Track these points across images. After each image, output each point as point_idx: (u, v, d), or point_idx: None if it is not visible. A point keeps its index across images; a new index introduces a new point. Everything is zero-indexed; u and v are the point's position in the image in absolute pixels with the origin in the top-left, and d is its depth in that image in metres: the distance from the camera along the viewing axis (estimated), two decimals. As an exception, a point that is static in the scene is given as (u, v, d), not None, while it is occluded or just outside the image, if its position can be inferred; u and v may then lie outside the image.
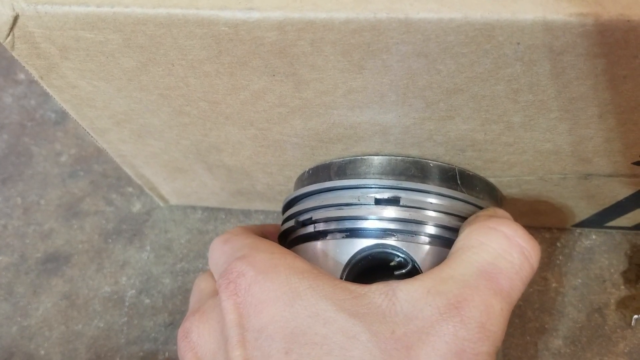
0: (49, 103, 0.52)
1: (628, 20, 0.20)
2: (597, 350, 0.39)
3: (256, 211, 0.46)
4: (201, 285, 0.32)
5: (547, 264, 0.42)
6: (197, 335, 0.27)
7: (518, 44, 0.22)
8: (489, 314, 0.23)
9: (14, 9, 0.24)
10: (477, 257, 0.25)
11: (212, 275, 0.32)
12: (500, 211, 0.30)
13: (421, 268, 0.29)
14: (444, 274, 0.25)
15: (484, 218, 0.28)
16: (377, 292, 0.25)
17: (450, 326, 0.23)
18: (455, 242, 0.27)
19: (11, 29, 0.25)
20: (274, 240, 0.35)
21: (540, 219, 0.41)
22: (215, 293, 0.29)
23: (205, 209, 0.47)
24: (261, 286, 0.25)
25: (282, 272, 0.25)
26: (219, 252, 0.30)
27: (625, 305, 0.40)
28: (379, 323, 0.23)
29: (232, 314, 0.25)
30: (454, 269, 0.25)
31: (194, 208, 0.47)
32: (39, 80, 0.29)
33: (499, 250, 0.25)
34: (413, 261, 0.29)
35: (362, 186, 0.30)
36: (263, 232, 0.34)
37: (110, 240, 0.46)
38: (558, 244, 0.42)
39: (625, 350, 0.38)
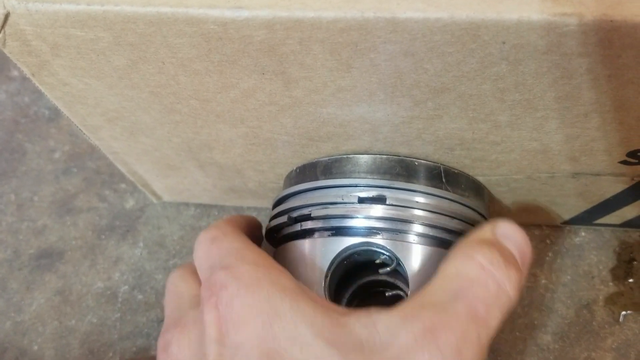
0: (43, 100, 0.53)
1: (611, 21, 0.21)
2: (585, 346, 0.39)
3: (249, 208, 0.46)
4: (180, 288, 0.31)
5: (537, 261, 0.42)
6: (177, 348, 0.27)
7: (503, 43, 0.22)
8: (465, 340, 0.23)
9: (4, 7, 0.24)
10: (453, 285, 0.25)
11: (191, 274, 0.31)
12: (500, 226, 0.28)
13: (405, 266, 0.29)
14: (422, 301, 0.25)
15: (465, 244, 0.27)
16: (358, 322, 0.24)
17: (425, 353, 0.22)
18: (439, 266, 0.27)
19: (2, 26, 0.25)
20: (260, 234, 0.35)
21: (530, 217, 0.41)
22: (194, 299, 0.29)
23: (198, 205, 0.47)
24: (242, 301, 0.25)
25: (265, 288, 0.25)
26: (204, 252, 0.29)
27: (613, 301, 0.40)
28: (355, 353, 0.23)
29: (212, 329, 0.25)
30: (432, 295, 0.25)
31: (187, 205, 0.47)
32: (31, 78, 0.29)
33: (475, 279, 0.25)
34: (397, 259, 0.30)
35: (347, 185, 0.31)
36: (250, 225, 0.34)
37: (103, 237, 0.46)
38: (547, 241, 0.43)
39: (613, 346, 0.39)
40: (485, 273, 0.25)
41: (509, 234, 0.28)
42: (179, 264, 0.44)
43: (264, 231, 0.36)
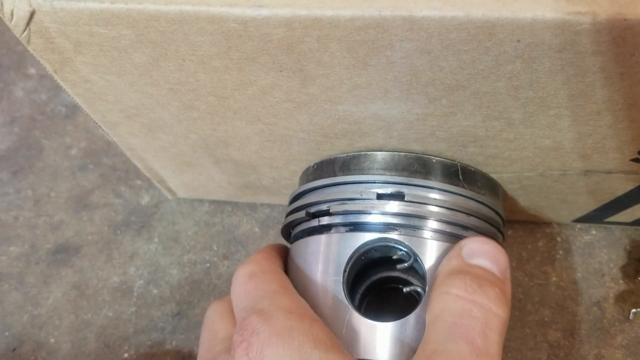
0: (60, 97, 0.53)
1: (625, 19, 0.21)
2: (595, 343, 0.39)
3: (262, 204, 0.47)
4: (215, 325, 0.32)
5: (548, 259, 0.42)
6: None
7: (518, 41, 0.22)
8: None
9: (30, 5, 0.25)
10: (445, 324, 0.25)
11: (228, 312, 0.31)
12: (464, 247, 0.29)
13: (423, 261, 0.30)
14: (427, 352, 0.25)
15: (438, 281, 0.28)
16: None
17: None
18: (426, 312, 0.27)
19: (27, 24, 0.26)
20: None
21: (541, 215, 0.41)
22: (227, 341, 0.29)
23: (212, 202, 0.48)
24: (273, 350, 0.25)
25: (296, 338, 0.25)
26: (242, 289, 0.29)
27: (623, 299, 0.40)
28: None
29: None
30: (432, 343, 0.25)
31: (201, 201, 0.48)
32: (53, 74, 0.30)
33: (459, 311, 0.25)
34: (415, 255, 0.30)
35: (365, 181, 0.31)
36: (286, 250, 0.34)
37: (119, 232, 0.47)
38: (558, 239, 0.43)
39: (623, 343, 0.39)
40: (466, 302, 0.26)
41: (475, 250, 0.28)
42: (193, 259, 0.45)
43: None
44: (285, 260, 0.34)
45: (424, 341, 0.26)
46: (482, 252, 0.28)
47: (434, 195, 0.30)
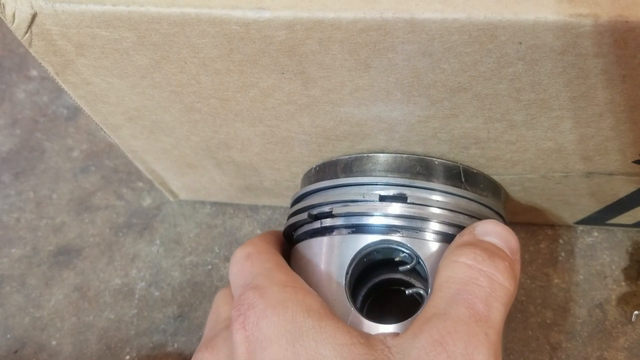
0: (61, 99, 0.53)
1: (627, 21, 0.21)
2: (597, 345, 0.39)
3: (264, 206, 0.47)
4: (220, 308, 0.33)
5: (550, 260, 0.42)
6: None
7: (520, 43, 0.22)
8: (474, 343, 0.23)
9: (32, 7, 0.25)
10: (449, 291, 0.26)
11: (231, 296, 0.32)
12: (478, 226, 0.29)
13: (425, 264, 0.30)
14: (426, 315, 0.25)
15: (448, 252, 0.28)
16: (376, 344, 0.25)
17: None
18: (434, 277, 0.28)
19: (29, 26, 0.26)
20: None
21: (543, 216, 0.41)
22: (229, 320, 0.30)
23: (214, 204, 0.48)
24: (268, 321, 0.26)
25: (290, 308, 0.26)
26: (239, 268, 0.30)
27: (626, 301, 0.40)
28: None
29: (240, 348, 0.26)
30: (433, 307, 0.26)
31: (202, 203, 0.48)
32: (55, 77, 0.30)
33: (466, 279, 0.26)
34: (417, 257, 0.30)
35: (368, 183, 0.31)
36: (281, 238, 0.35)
37: (120, 234, 0.47)
38: (560, 241, 0.43)
39: (625, 345, 0.39)
40: (474, 270, 0.26)
41: (489, 229, 0.29)
42: (195, 261, 0.45)
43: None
44: (282, 244, 0.35)
45: (426, 305, 0.26)
46: (495, 232, 0.28)
47: (437, 197, 0.30)
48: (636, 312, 0.40)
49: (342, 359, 0.24)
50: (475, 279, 0.26)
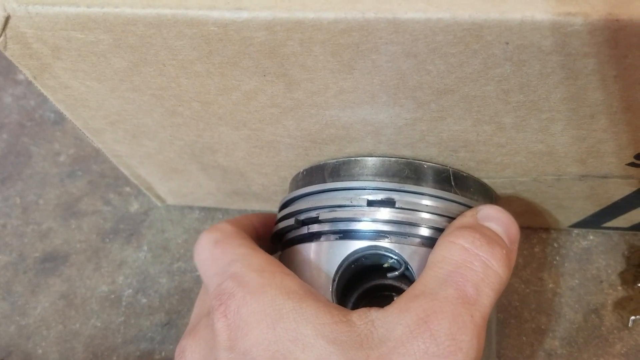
0: (48, 103, 0.52)
1: (617, 20, 0.20)
2: (593, 351, 0.38)
3: (252, 211, 0.46)
4: (204, 297, 0.32)
5: (544, 265, 0.42)
6: (191, 354, 0.28)
7: (507, 43, 0.22)
8: (458, 324, 0.24)
9: (5, 10, 0.24)
10: (442, 271, 0.26)
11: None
12: (481, 210, 0.29)
13: (413, 270, 0.29)
14: (414, 292, 0.25)
15: (447, 232, 0.28)
16: (358, 321, 0.25)
17: (420, 343, 0.23)
18: (430, 254, 0.28)
19: (3, 29, 0.25)
20: (262, 231, 0.35)
21: (537, 220, 0.41)
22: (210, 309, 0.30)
23: (202, 209, 0.47)
24: (248, 308, 0.26)
25: (269, 292, 0.26)
26: (209, 256, 0.30)
27: (622, 306, 0.40)
28: (355, 350, 0.24)
29: (222, 336, 0.26)
30: (423, 285, 0.26)
31: (191, 208, 0.47)
32: (33, 81, 0.29)
33: (460, 262, 0.26)
34: (406, 263, 0.29)
35: (356, 188, 0.30)
36: (252, 224, 0.34)
37: (107, 240, 0.46)
38: (555, 245, 0.42)
39: (622, 352, 0.38)
40: (469, 254, 0.26)
41: (491, 215, 0.29)
42: (183, 267, 0.44)
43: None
44: (253, 228, 0.34)
45: (415, 282, 0.26)
46: (497, 218, 0.28)
47: (426, 201, 0.30)
48: (633, 317, 0.39)
49: (323, 338, 0.24)
50: (469, 262, 0.26)
